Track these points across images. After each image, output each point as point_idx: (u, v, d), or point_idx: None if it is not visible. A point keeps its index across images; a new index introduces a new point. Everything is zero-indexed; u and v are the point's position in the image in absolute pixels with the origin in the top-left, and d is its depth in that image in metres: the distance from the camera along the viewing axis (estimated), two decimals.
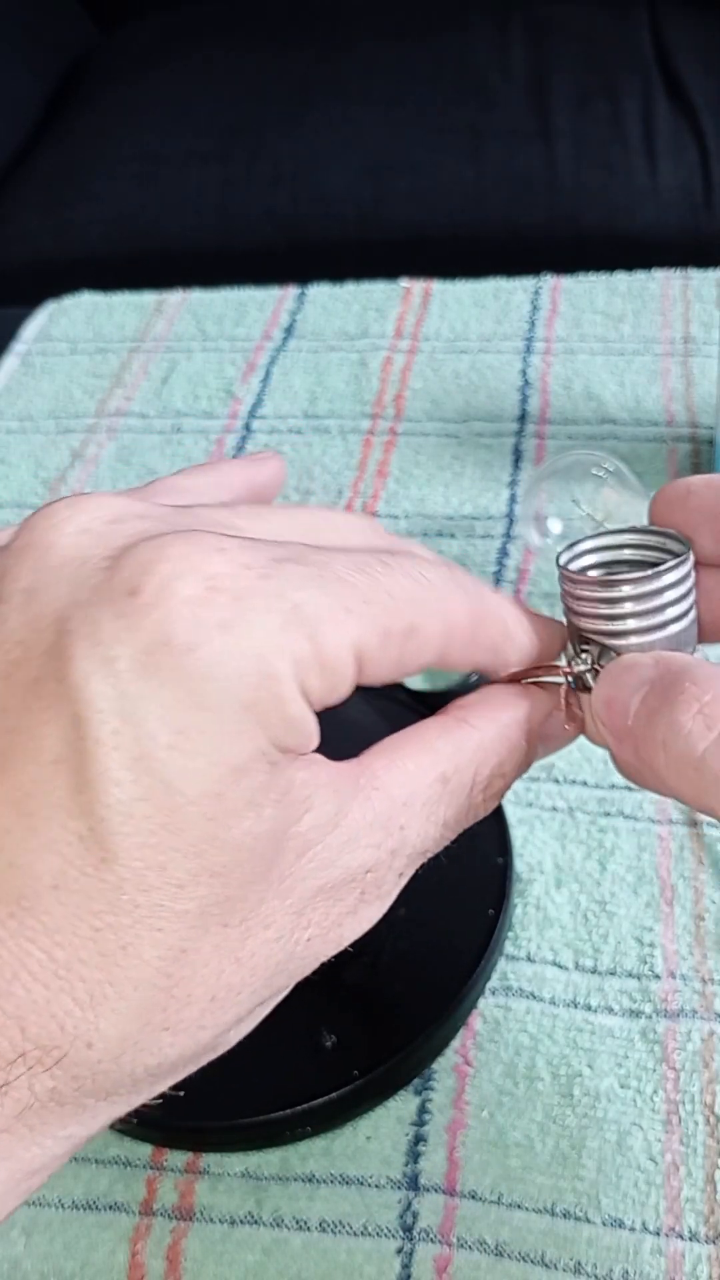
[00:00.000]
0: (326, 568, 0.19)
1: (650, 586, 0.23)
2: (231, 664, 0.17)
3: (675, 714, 0.20)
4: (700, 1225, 0.33)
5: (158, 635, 0.17)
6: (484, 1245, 0.33)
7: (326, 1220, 0.34)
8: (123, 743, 0.17)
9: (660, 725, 0.21)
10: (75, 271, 0.99)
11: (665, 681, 0.21)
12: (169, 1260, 0.33)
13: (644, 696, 0.21)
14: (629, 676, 0.22)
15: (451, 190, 1.16)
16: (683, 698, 0.20)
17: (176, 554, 0.18)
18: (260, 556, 0.18)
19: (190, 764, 0.17)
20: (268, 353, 0.67)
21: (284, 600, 0.18)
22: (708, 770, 0.20)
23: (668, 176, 1.14)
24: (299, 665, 0.18)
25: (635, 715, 0.21)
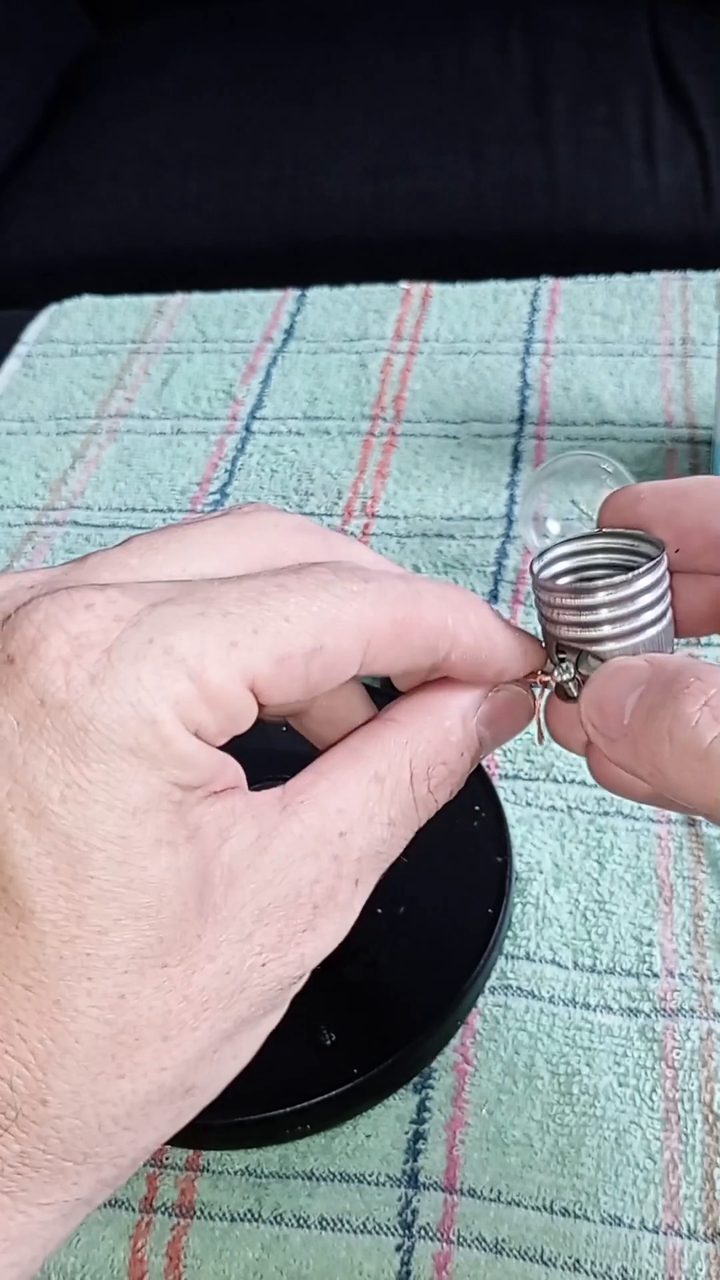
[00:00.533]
0: (210, 604, 0.19)
1: (625, 592, 0.23)
2: (107, 714, 0.18)
3: (681, 706, 0.20)
4: (699, 1223, 0.33)
5: (33, 697, 0.18)
6: (483, 1242, 0.33)
7: (326, 1217, 0.34)
8: (18, 803, 0.17)
9: (663, 719, 0.21)
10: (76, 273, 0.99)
11: (664, 678, 0.21)
12: (170, 1257, 0.34)
13: (641, 695, 0.22)
14: (622, 677, 0.22)
15: (451, 192, 1.17)
16: (688, 691, 0.21)
17: (42, 616, 0.18)
18: (133, 605, 0.19)
19: (86, 813, 0.17)
20: (268, 354, 0.67)
21: (155, 645, 0.18)
22: (714, 761, 0.20)
23: (667, 178, 1.14)
24: (181, 705, 0.18)
25: (633, 714, 0.22)
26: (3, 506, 0.61)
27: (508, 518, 0.55)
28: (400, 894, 0.38)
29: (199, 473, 0.60)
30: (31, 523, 0.59)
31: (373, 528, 0.56)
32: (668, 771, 0.21)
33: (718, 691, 0.21)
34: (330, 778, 0.22)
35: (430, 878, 0.38)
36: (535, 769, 0.44)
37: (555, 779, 0.44)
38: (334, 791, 0.21)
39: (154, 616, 0.19)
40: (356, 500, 0.57)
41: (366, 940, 0.37)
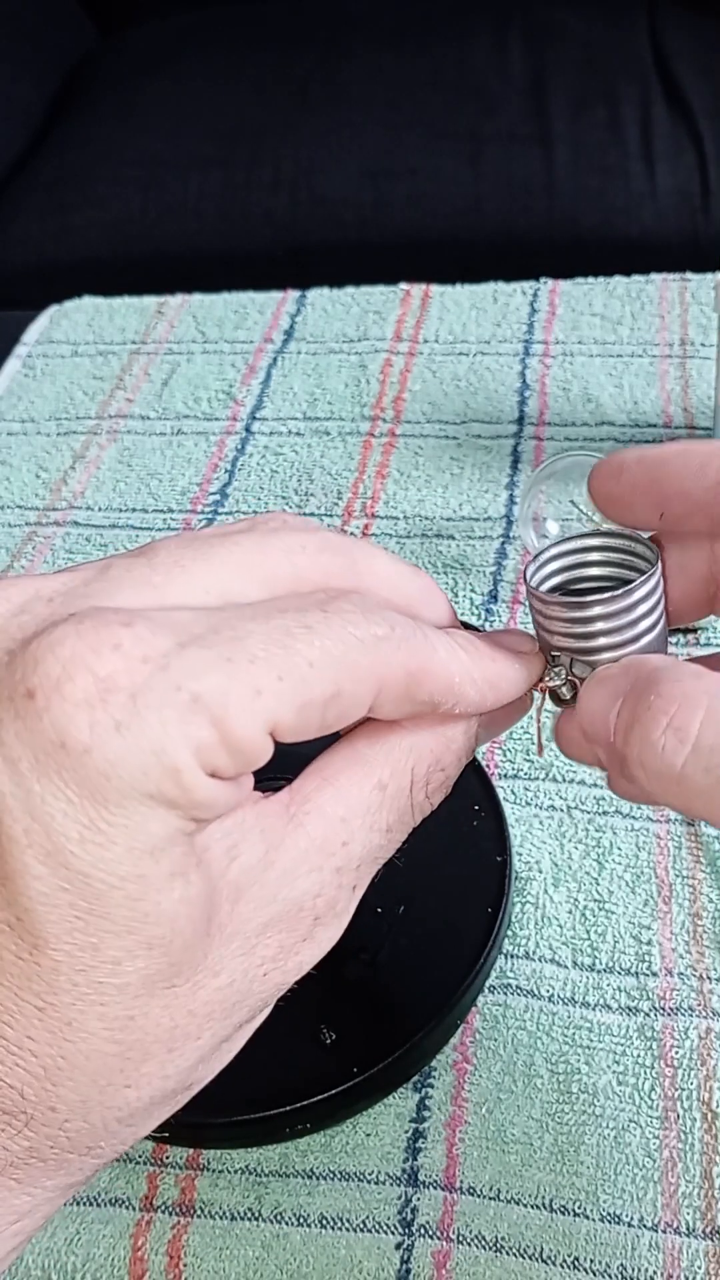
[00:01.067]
0: (238, 645, 0.19)
1: (621, 604, 0.23)
2: (130, 762, 0.17)
3: (647, 732, 0.20)
4: (697, 1221, 0.33)
5: (54, 738, 0.17)
6: (482, 1240, 0.33)
7: (326, 1215, 0.34)
8: (35, 840, 0.17)
9: (635, 745, 0.21)
10: (77, 275, 1.00)
11: (635, 693, 0.21)
12: (170, 1255, 0.34)
13: (619, 710, 0.21)
14: (603, 690, 0.22)
15: (451, 194, 1.17)
16: (649, 714, 0.20)
17: (68, 654, 0.18)
18: (160, 644, 0.18)
19: (105, 854, 0.18)
20: (268, 355, 0.67)
21: (182, 693, 0.18)
22: (690, 784, 0.20)
23: (665, 181, 1.14)
24: (202, 753, 0.18)
25: (615, 734, 0.21)
26: (3, 507, 0.61)
27: (507, 518, 0.55)
28: (400, 893, 0.38)
29: (199, 473, 0.61)
30: (32, 523, 0.59)
31: (373, 528, 0.56)
32: (652, 793, 0.21)
33: (680, 708, 0.20)
34: (335, 784, 0.21)
35: (430, 877, 0.38)
36: (535, 769, 0.44)
37: (554, 778, 0.44)
38: (338, 799, 0.21)
39: (182, 660, 0.18)
40: (356, 501, 0.57)
41: (366, 940, 0.37)
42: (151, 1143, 0.36)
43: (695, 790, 0.20)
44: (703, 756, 0.20)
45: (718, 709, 0.20)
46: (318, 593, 0.21)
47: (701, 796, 0.20)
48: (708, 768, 0.20)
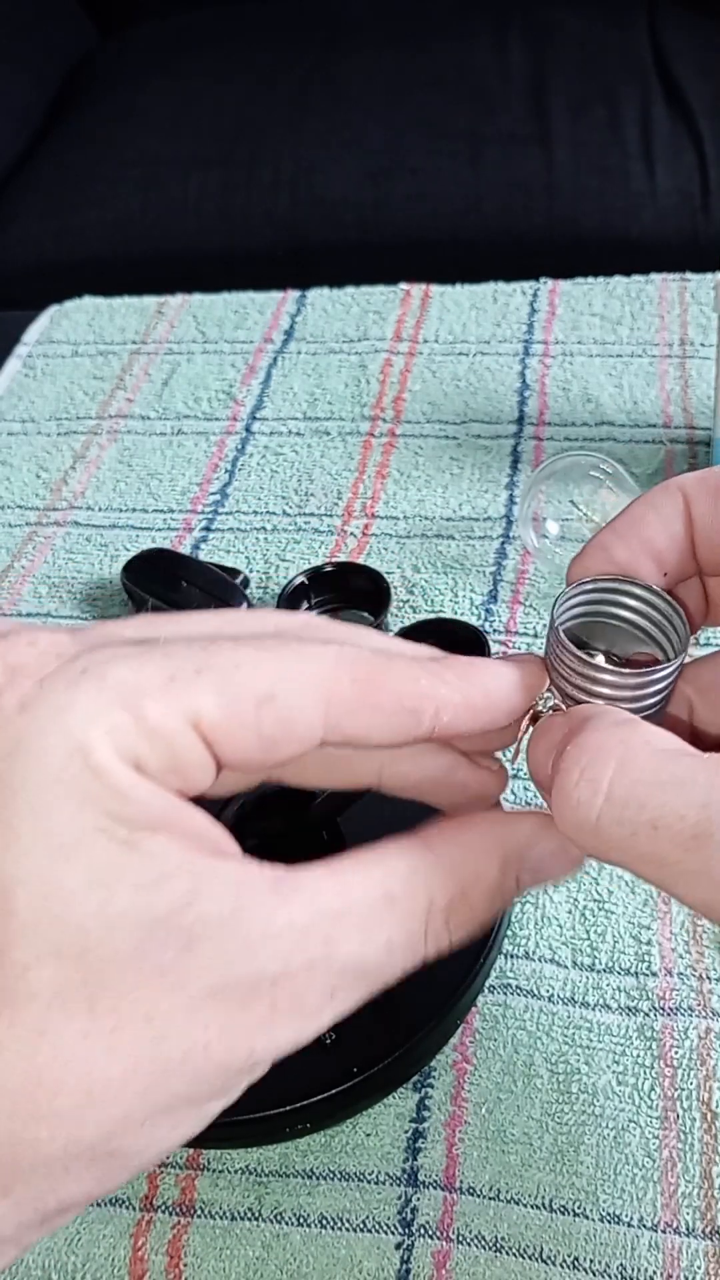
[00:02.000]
0: (154, 646, 0.19)
1: (634, 681, 0.22)
2: (35, 741, 0.17)
3: (563, 783, 0.20)
4: (697, 1221, 0.33)
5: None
6: (482, 1240, 0.33)
7: (326, 1215, 0.34)
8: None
9: (556, 794, 0.20)
10: (77, 275, 0.99)
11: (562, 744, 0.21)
12: (170, 1255, 0.34)
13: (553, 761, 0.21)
14: (542, 741, 0.22)
15: (451, 194, 1.17)
16: (565, 764, 0.20)
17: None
18: (76, 644, 0.19)
19: (10, 847, 0.17)
20: (268, 355, 0.67)
21: (89, 675, 0.18)
22: (605, 836, 0.19)
23: (665, 181, 1.14)
24: (116, 734, 0.18)
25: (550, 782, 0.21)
26: (4, 507, 0.61)
27: (507, 518, 0.55)
28: None
29: (199, 473, 0.61)
30: (32, 523, 0.59)
31: (372, 528, 0.56)
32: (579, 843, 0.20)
33: (592, 759, 0.20)
34: (339, 877, 0.20)
35: None
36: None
37: None
38: (335, 893, 0.20)
39: (93, 653, 0.18)
40: (356, 501, 0.57)
41: None
42: None
43: (611, 843, 0.19)
44: (615, 808, 0.19)
45: (631, 759, 0.20)
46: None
47: (617, 849, 0.19)
48: (619, 820, 0.19)
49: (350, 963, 0.20)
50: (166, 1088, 0.19)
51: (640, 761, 0.20)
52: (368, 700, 0.20)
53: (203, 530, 0.57)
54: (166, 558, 0.53)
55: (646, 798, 0.19)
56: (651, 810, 0.19)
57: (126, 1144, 0.19)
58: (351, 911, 0.20)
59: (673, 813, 0.19)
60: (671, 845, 0.19)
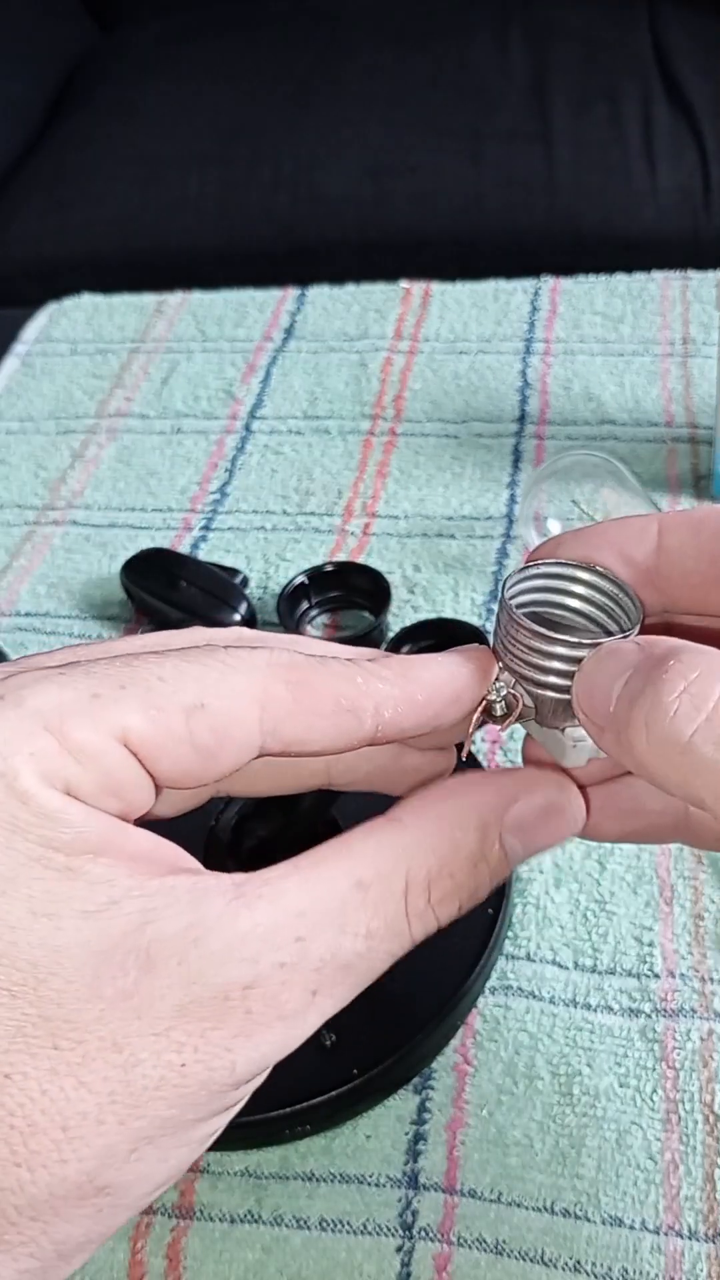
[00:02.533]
0: (76, 666, 0.19)
1: (586, 654, 0.22)
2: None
3: (660, 694, 0.19)
4: (699, 1223, 0.33)
5: None
6: (483, 1243, 0.33)
7: (326, 1218, 0.34)
8: None
9: (643, 707, 0.19)
10: (76, 273, 0.99)
11: (649, 664, 0.20)
12: (169, 1258, 0.34)
13: (627, 680, 0.20)
14: (612, 663, 0.21)
15: (451, 192, 1.16)
16: (667, 676, 0.19)
17: None
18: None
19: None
20: (268, 354, 0.67)
21: (7, 701, 0.18)
22: (696, 755, 0.18)
23: (667, 179, 1.14)
24: (41, 758, 0.17)
25: (618, 700, 0.20)
26: (2, 506, 0.60)
27: (508, 517, 0.55)
28: None
29: (199, 472, 0.60)
30: (31, 522, 0.59)
31: (373, 527, 0.56)
32: (649, 764, 0.19)
33: (701, 675, 0.19)
34: (303, 873, 0.19)
35: None
36: None
37: None
38: (300, 889, 0.19)
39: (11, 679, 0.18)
40: (356, 500, 0.57)
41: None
42: None
43: (698, 764, 0.18)
44: (716, 729, 0.18)
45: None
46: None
47: (704, 772, 0.18)
48: (717, 741, 0.18)
49: (328, 958, 0.19)
50: (147, 1114, 0.18)
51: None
52: (304, 703, 0.20)
53: (202, 529, 0.57)
54: (166, 557, 0.53)
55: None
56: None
57: (115, 1178, 0.18)
58: (320, 906, 0.19)
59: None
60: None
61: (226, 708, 0.19)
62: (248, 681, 0.20)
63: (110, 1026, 0.17)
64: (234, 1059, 0.18)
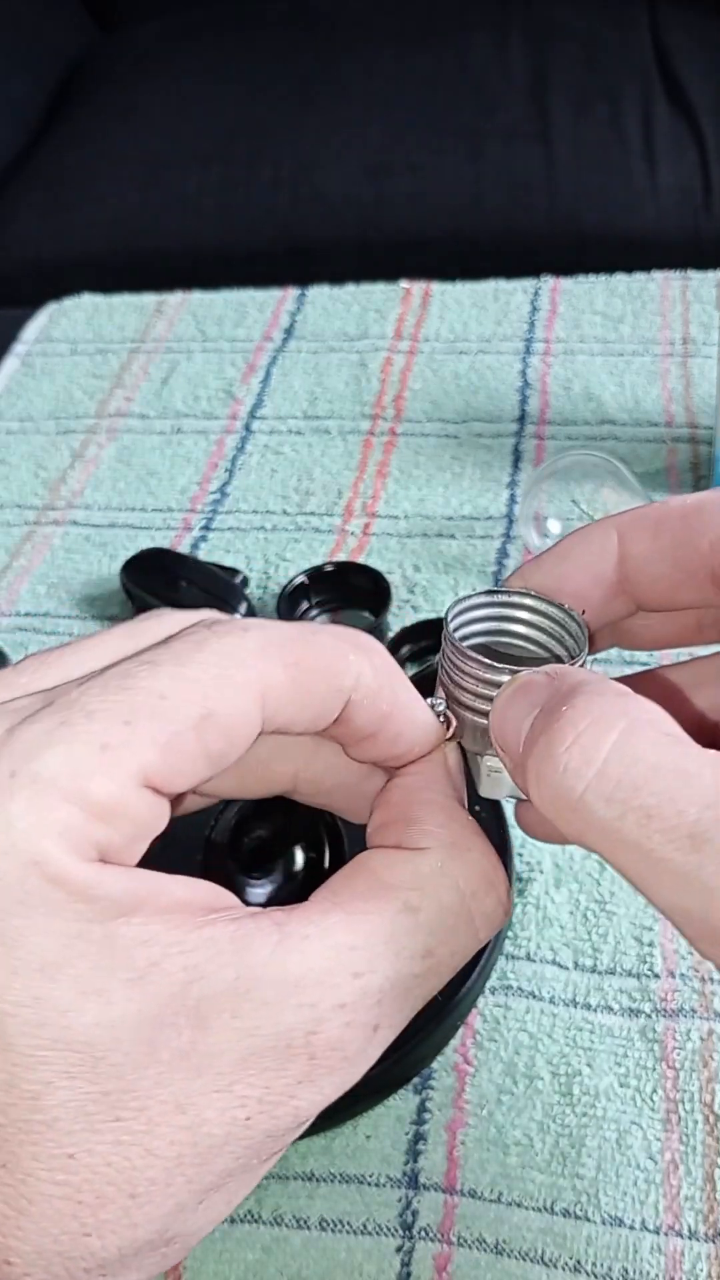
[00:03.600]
0: (73, 706, 0.17)
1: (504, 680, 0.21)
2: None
3: (552, 746, 0.18)
4: (699, 1223, 0.33)
5: None
6: (483, 1243, 0.33)
7: (326, 1218, 0.34)
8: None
9: (537, 758, 0.18)
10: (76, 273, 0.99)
11: (551, 703, 0.19)
12: None
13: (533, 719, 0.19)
14: (521, 699, 0.20)
15: (451, 192, 1.16)
16: (558, 725, 0.18)
17: None
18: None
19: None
20: (268, 354, 0.67)
21: (19, 778, 0.17)
22: (587, 814, 0.17)
23: (667, 178, 1.14)
24: (69, 834, 0.17)
25: (524, 744, 0.19)
26: (2, 506, 0.60)
27: (508, 517, 0.55)
28: None
29: (199, 472, 0.60)
30: (31, 522, 0.59)
31: (373, 527, 0.56)
32: (549, 815, 0.18)
33: (591, 725, 0.18)
34: (345, 907, 0.19)
35: None
36: None
37: None
38: (348, 924, 0.18)
39: (13, 742, 0.17)
40: (357, 500, 0.57)
41: None
42: None
43: (592, 822, 0.17)
44: (607, 784, 0.17)
45: (634, 735, 0.18)
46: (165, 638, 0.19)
47: (597, 831, 0.17)
48: (608, 798, 0.17)
49: (387, 988, 0.19)
50: (214, 1169, 0.18)
51: (644, 739, 0.17)
52: (301, 684, 0.19)
53: (202, 529, 0.57)
54: (166, 557, 0.53)
55: (644, 781, 0.17)
56: (648, 795, 0.17)
57: (182, 1229, 0.18)
58: (372, 937, 0.19)
59: (672, 805, 0.17)
60: (663, 839, 0.17)
61: (232, 707, 0.18)
62: (246, 672, 0.19)
63: (171, 1089, 0.17)
64: (298, 1105, 0.18)
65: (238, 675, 0.19)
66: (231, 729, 0.18)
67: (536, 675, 0.20)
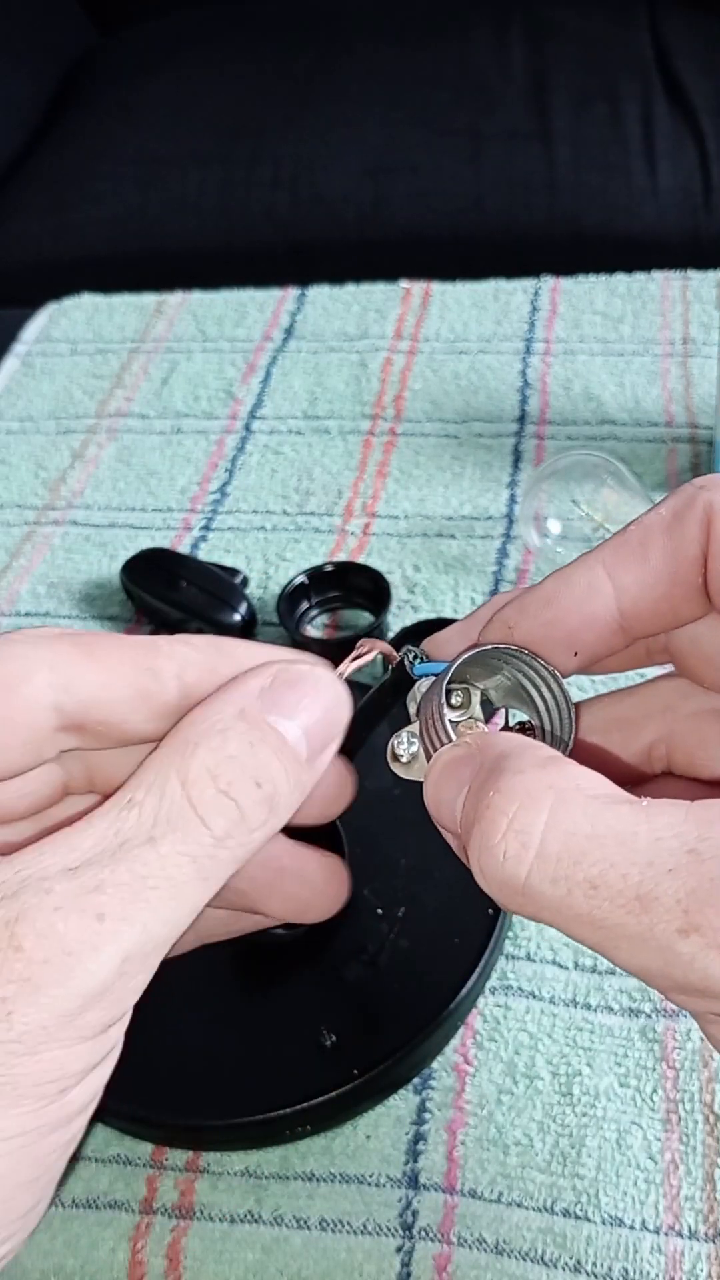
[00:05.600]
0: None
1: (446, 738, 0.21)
2: None
3: (487, 836, 0.18)
4: (699, 1223, 0.33)
5: None
6: (483, 1243, 0.33)
7: (326, 1219, 0.34)
8: None
9: (475, 849, 0.18)
10: (76, 273, 0.99)
11: (478, 783, 0.19)
12: (169, 1259, 0.34)
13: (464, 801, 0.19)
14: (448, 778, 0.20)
15: (451, 191, 1.16)
16: (490, 814, 0.18)
17: None
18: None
19: None
20: (268, 353, 0.67)
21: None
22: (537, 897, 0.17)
23: (667, 178, 1.14)
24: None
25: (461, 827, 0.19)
26: (2, 506, 0.60)
27: (508, 517, 0.55)
28: (400, 894, 0.38)
29: (199, 472, 0.60)
30: (31, 522, 0.59)
31: (373, 527, 0.56)
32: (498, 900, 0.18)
33: (521, 807, 0.17)
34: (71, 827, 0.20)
35: (430, 878, 0.38)
36: None
37: None
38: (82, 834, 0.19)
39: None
40: (357, 500, 0.57)
41: (367, 941, 0.37)
42: (151, 1145, 0.36)
43: (542, 903, 0.17)
44: (549, 864, 0.17)
45: (564, 807, 0.17)
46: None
47: (550, 909, 0.17)
48: (553, 878, 0.17)
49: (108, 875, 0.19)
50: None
51: (575, 810, 0.17)
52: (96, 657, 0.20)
53: (202, 529, 0.57)
54: (166, 557, 0.53)
55: (583, 852, 0.17)
56: (589, 866, 0.17)
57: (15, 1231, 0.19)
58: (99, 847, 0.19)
59: (614, 870, 0.16)
60: (612, 906, 0.16)
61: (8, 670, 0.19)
62: (31, 646, 0.19)
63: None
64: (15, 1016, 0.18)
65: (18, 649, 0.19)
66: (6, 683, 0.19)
67: (457, 750, 0.20)
